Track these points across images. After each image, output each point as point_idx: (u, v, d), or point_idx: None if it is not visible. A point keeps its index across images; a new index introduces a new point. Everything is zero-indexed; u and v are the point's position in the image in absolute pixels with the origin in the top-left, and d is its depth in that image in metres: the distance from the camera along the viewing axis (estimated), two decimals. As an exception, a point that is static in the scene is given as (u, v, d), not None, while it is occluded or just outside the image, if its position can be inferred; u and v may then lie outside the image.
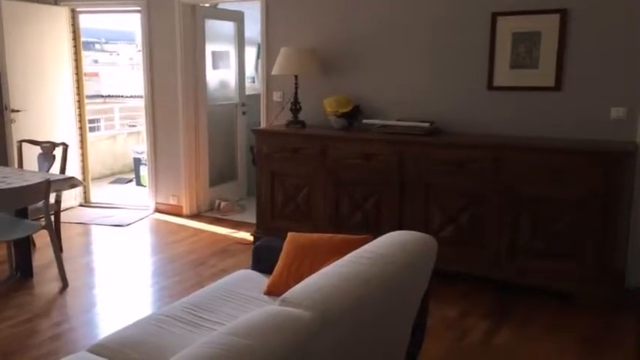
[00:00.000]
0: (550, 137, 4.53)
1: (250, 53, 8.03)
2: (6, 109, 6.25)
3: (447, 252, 3.76)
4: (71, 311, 4.17)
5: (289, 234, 3.29)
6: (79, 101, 7.05)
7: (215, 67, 6.97)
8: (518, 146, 4.31)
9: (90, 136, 7.69)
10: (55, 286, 4.55)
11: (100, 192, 7.85)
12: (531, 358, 3.49)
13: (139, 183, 8.60)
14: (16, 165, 5.65)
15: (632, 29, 4.30)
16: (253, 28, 7.12)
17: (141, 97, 7.09)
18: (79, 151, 7.12)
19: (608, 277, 4.10)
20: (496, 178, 4.30)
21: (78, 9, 6.92)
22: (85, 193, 7.25)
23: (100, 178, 9.12)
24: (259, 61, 6.57)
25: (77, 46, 6.98)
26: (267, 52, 5.80)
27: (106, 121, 12.76)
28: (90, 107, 9.16)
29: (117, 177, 9.42)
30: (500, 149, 4.32)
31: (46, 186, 4.38)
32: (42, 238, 5.27)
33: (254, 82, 8.30)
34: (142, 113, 7.10)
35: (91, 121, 10.16)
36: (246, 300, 2.96)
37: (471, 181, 4.39)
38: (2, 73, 6.20)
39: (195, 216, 6.67)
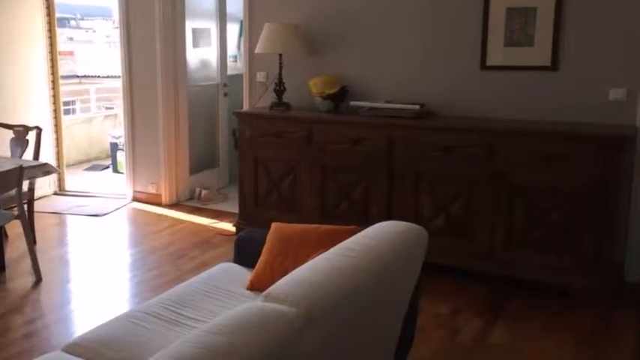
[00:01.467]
0: (546, 120, 4.52)
1: (232, 30, 7.97)
2: (-26, 92, 6.20)
3: (438, 244, 3.71)
4: (45, 307, 4.17)
5: (273, 224, 3.28)
6: (53, 82, 6.98)
7: (195, 45, 6.92)
8: (512, 130, 4.31)
9: (65, 119, 7.63)
10: (29, 280, 4.53)
11: (75, 179, 7.80)
12: (526, 357, 3.49)
13: (115, 170, 8.56)
14: (-15, 151, 5.61)
15: (632, 4, 4.29)
16: (236, 3, 7.06)
17: (118, 77, 7.04)
18: (54, 136, 7.06)
19: (607, 270, 4.08)
20: (489, 164, 4.29)
21: (51, -17, 6.84)
22: (59, 180, 7.21)
23: (75, 164, 9.07)
24: (242, 38, 6.54)
25: (51, 22, 6.89)
26: (250, 29, 5.74)
27: (81, 103, 12.68)
28: (65, 88, 9.06)
29: (93, 163, 9.38)
30: (493, 134, 4.31)
31: (19, 173, 4.35)
32: (14, 229, 5.21)
33: (236, 61, 8.25)
34: (120, 95, 7.05)
35: (65, 103, 10.09)
36: (228, 295, 2.95)
37: (464, 167, 4.38)
38: (-31, 54, 6.15)
39: (174, 205, 6.63)
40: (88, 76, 16.42)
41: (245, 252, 3.39)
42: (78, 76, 16.22)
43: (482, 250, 4.39)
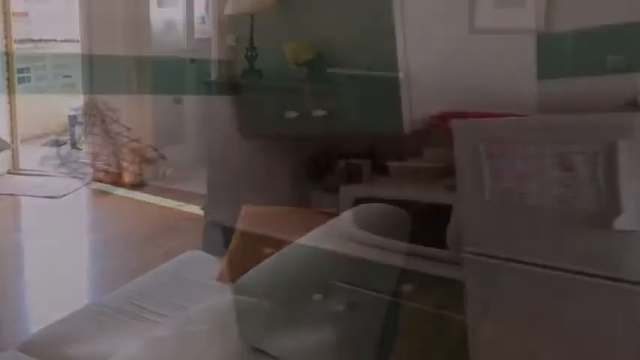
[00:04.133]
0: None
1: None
2: None
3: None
4: (-2, 301, 4.17)
5: (244, 207, 3.28)
6: (6, 46, 6.91)
7: (160, 4, 6.84)
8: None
9: (19, 89, 7.54)
10: (-21, 270, 4.52)
11: (30, 157, 7.73)
12: (519, 355, 3.50)
13: (74, 146, 8.50)
14: None
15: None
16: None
17: (77, 41, 6.96)
18: (7, 107, 7.00)
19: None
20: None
21: None
22: (13, 158, 7.14)
23: (30, 139, 8.97)
24: (211, -4, 6.49)
25: (4, -22, 6.80)
26: (220, -15, 5.69)
27: (36, 71, 12.55)
28: (19, 54, 8.96)
29: (49, 138, 9.30)
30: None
31: (-32, 151, 4.31)
32: (-37, 213, 5.22)
33: (204, 22, 8.17)
34: (79, 62, 6.98)
35: (19, 71, 9.97)
36: (196, 287, 2.96)
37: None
38: None
39: (138, 185, 6.59)
40: (44, 40, 16.24)
41: (214, 239, 3.39)
42: (33, 40, 16.03)
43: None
